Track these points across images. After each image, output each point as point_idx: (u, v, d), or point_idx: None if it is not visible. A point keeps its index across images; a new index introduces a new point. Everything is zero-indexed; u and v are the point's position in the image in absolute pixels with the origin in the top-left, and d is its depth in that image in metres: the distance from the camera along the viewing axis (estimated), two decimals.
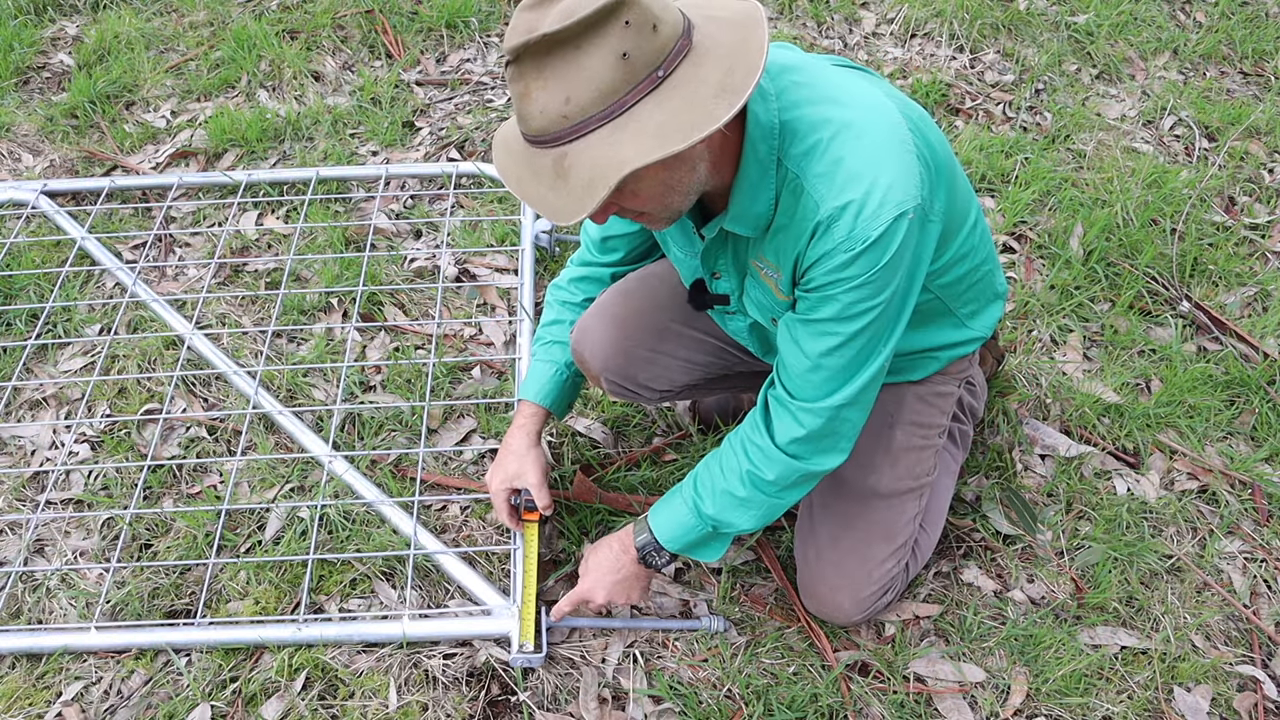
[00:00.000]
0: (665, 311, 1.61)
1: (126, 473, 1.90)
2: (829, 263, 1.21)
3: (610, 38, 1.01)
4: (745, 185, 1.22)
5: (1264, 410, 2.00)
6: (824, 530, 1.59)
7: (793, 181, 1.21)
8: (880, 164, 1.17)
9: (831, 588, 1.58)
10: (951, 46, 2.95)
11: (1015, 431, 1.95)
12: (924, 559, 1.69)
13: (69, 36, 3.02)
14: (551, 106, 1.04)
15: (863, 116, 1.20)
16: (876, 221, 1.16)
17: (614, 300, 1.63)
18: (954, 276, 1.43)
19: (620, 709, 1.57)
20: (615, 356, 1.61)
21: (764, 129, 1.19)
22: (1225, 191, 2.51)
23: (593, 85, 1.02)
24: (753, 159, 1.20)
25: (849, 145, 1.18)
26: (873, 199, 1.16)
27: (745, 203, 1.24)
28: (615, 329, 1.60)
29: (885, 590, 1.59)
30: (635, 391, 1.67)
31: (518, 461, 1.63)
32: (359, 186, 2.51)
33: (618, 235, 1.63)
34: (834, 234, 1.18)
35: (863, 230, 1.17)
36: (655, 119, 1.04)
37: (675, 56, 1.05)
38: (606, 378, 1.64)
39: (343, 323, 2.17)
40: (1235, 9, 3.12)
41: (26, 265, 2.28)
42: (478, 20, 3.01)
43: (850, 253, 1.18)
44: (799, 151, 1.20)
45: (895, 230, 1.17)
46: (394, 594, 1.71)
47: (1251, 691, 1.61)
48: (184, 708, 1.56)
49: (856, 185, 1.17)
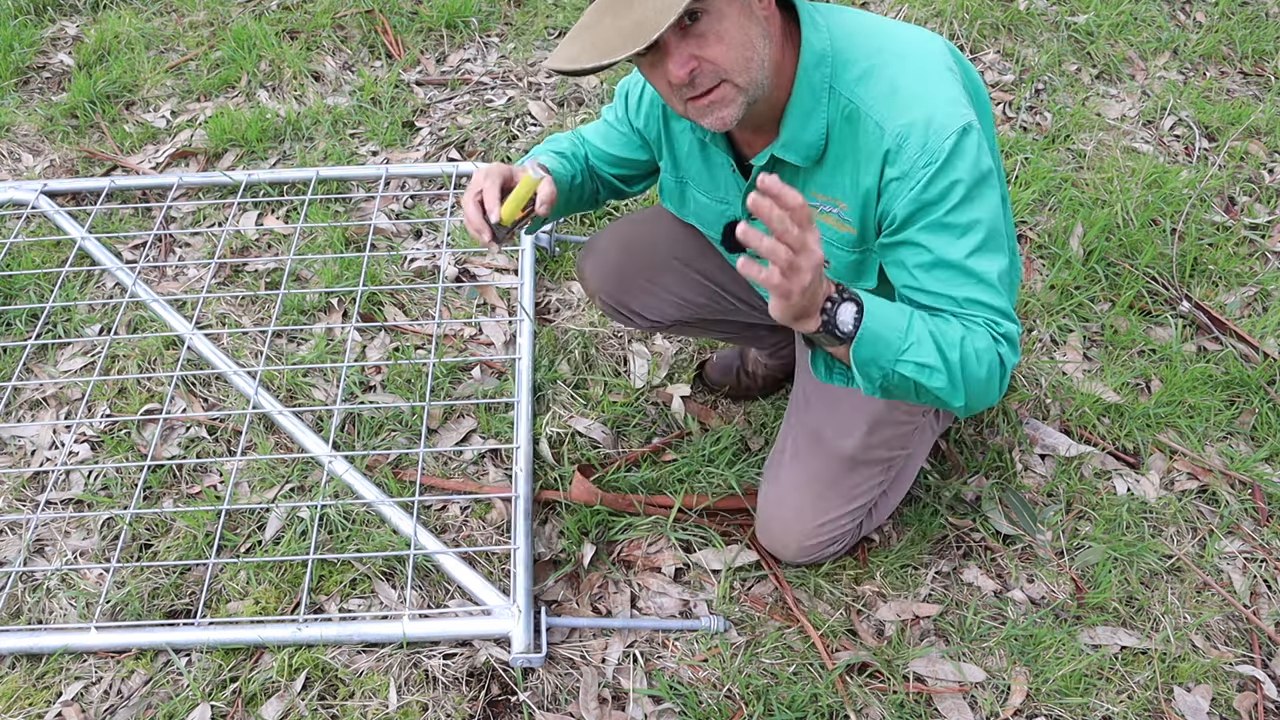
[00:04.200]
0: (670, 247, 1.66)
1: (126, 473, 1.90)
2: (910, 185, 1.19)
3: None
4: (798, 109, 1.24)
5: (1264, 410, 2.00)
6: (789, 475, 1.62)
7: (848, 107, 1.23)
8: (936, 85, 1.21)
9: (784, 528, 1.64)
10: None
11: (1015, 431, 1.95)
12: (880, 520, 1.73)
13: (69, 36, 3.02)
14: None
15: (911, 45, 1.25)
16: (946, 133, 1.17)
17: (624, 226, 1.72)
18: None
19: (620, 709, 1.57)
20: (613, 278, 1.68)
21: (816, 55, 1.22)
22: (1225, 191, 2.51)
23: None
24: (805, 84, 1.22)
25: (904, 70, 1.22)
26: (938, 115, 1.18)
27: (796, 128, 1.25)
28: (619, 253, 1.68)
29: (832, 541, 1.64)
30: (627, 316, 1.73)
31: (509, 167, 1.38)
32: (359, 186, 2.51)
33: (621, 156, 1.57)
34: (907, 153, 1.19)
35: (934, 145, 1.17)
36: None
37: None
38: (601, 297, 1.70)
39: (343, 323, 2.17)
40: (1235, 9, 3.12)
41: (26, 265, 2.28)
42: (478, 20, 3.01)
43: (930, 168, 1.18)
44: (852, 77, 1.22)
45: (966, 142, 1.19)
46: (394, 594, 1.71)
47: (1251, 691, 1.61)
48: (184, 708, 1.56)
49: (918, 104, 1.19)
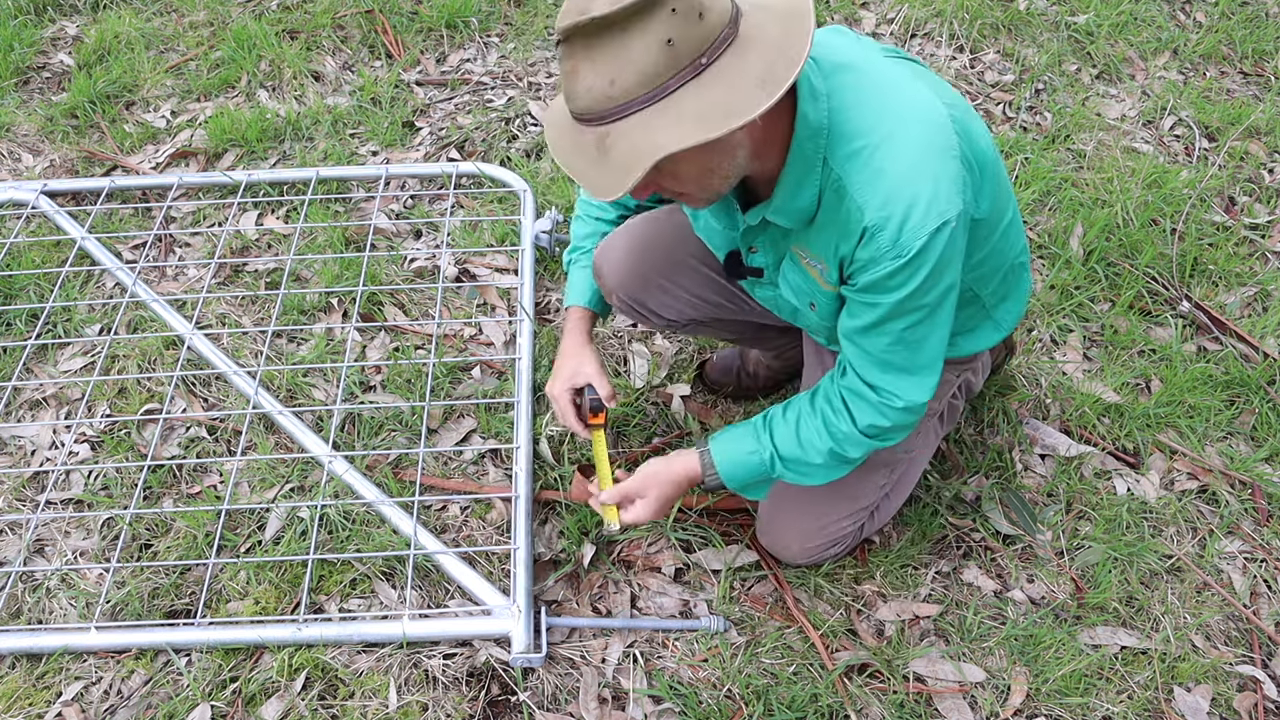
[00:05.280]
0: (687, 246, 1.66)
1: (126, 473, 1.90)
2: (875, 270, 1.25)
3: (656, 23, 1.04)
4: (789, 180, 1.26)
5: (1264, 410, 2.00)
6: None
7: (836, 182, 1.24)
8: (923, 174, 1.20)
9: (785, 529, 1.65)
10: (951, 46, 2.95)
11: (1015, 431, 1.95)
12: (881, 523, 1.73)
13: (69, 36, 3.02)
14: (597, 87, 1.08)
15: (909, 123, 1.22)
16: (920, 233, 1.20)
17: (640, 225, 1.71)
18: (988, 269, 1.45)
19: (620, 709, 1.57)
20: (630, 277, 1.67)
21: (812, 128, 1.22)
22: (1225, 191, 2.51)
23: (636, 69, 1.06)
24: (798, 156, 1.24)
25: (893, 154, 1.21)
26: (916, 212, 1.20)
27: (788, 197, 1.28)
28: (635, 252, 1.67)
29: (834, 543, 1.65)
30: (643, 314, 1.73)
31: (575, 359, 1.69)
32: (359, 186, 2.51)
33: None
34: (879, 242, 1.22)
35: (907, 241, 1.21)
36: (695, 105, 1.07)
37: (720, 45, 1.08)
38: (618, 296, 1.70)
39: (343, 323, 2.17)
40: (1235, 9, 3.12)
41: (26, 265, 2.28)
42: (478, 20, 3.01)
43: (896, 262, 1.22)
44: (844, 154, 1.23)
45: (937, 241, 1.21)
46: (394, 594, 1.71)
47: (1251, 691, 1.61)
48: (184, 708, 1.56)
49: (899, 198, 1.20)
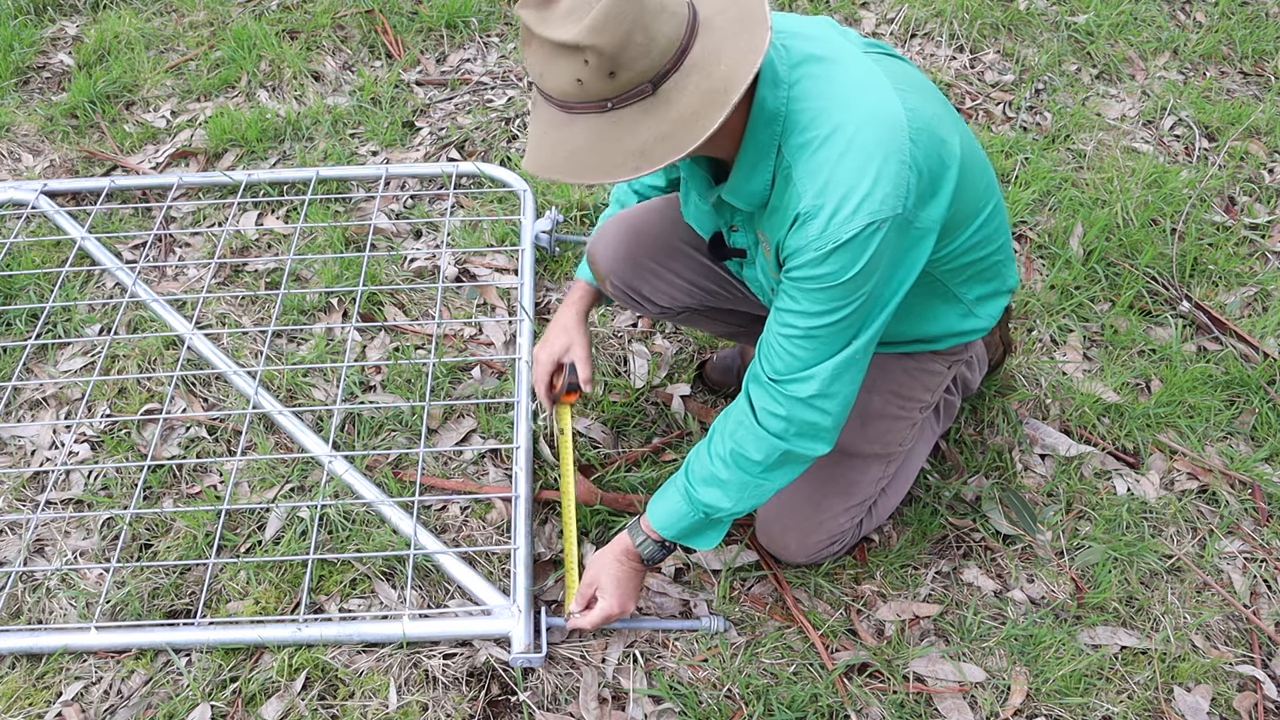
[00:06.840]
0: (679, 232, 1.67)
1: (126, 473, 1.90)
2: (801, 257, 1.26)
3: (570, 62, 1.10)
4: (744, 163, 1.28)
5: (1264, 410, 2.00)
6: None
7: (786, 169, 1.26)
8: (863, 172, 1.20)
9: (783, 528, 1.65)
10: (951, 46, 2.95)
11: (1015, 431, 1.95)
12: (879, 520, 1.72)
13: (69, 36, 3.02)
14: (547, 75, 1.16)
15: (862, 122, 1.22)
16: (848, 226, 1.20)
17: (635, 211, 1.73)
18: (959, 264, 1.45)
19: (620, 709, 1.57)
20: (623, 262, 1.68)
21: (768, 114, 1.24)
22: (1225, 191, 2.51)
23: (556, 85, 1.14)
24: (752, 141, 1.26)
25: (837, 149, 1.21)
26: (847, 205, 1.20)
27: (742, 179, 1.30)
28: (629, 237, 1.68)
29: (833, 541, 1.65)
30: (637, 300, 1.73)
31: (566, 335, 1.70)
32: (359, 186, 2.51)
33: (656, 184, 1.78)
34: (808, 230, 1.23)
35: (833, 232, 1.21)
36: (585, 138, 1.15)
37: (630, 98, 1.12)
38: (611, 281, 1.70)
39: (343, 323, 2.17)
40: (1235, 9, 3.12)
41: (26, 265, 2.28)
42: (478, 20, 3.01)
43: (819, 252, 1.23)
44: (797, 143, 1.24)
45: (866, 237, 1.21)
46: (394, 594, 1.71)
47: (1251, 691, 1.61)
48: (184, 708, 1.56)
49: (833, 190, 1.21)
